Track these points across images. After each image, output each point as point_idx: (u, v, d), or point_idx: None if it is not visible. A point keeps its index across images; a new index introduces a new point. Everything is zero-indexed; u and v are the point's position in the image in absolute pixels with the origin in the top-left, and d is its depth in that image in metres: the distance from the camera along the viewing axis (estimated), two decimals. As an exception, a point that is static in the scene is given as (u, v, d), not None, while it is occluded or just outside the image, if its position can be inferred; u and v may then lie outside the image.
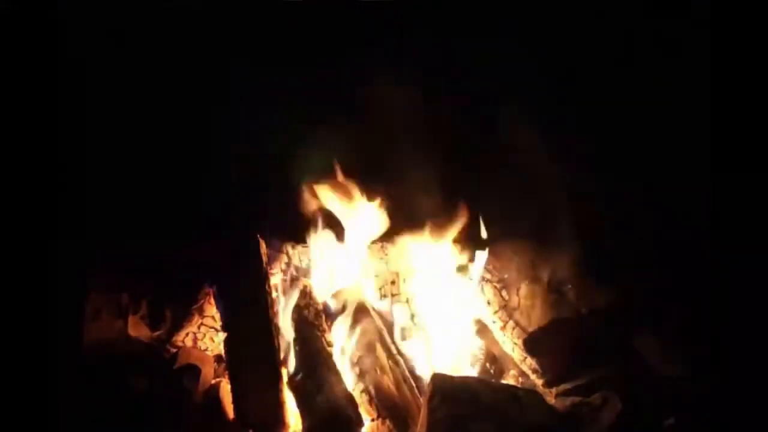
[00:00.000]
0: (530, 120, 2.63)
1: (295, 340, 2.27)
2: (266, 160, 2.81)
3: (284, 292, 2.47)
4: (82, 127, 2.64)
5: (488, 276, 2.58)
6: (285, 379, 2.18)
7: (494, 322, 2.50)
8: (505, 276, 2.57)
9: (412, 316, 2.59)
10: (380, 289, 2.64)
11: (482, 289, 2.56)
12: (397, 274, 2.68)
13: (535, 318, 2.43)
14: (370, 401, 2.14)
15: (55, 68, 2.59)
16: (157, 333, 2.48)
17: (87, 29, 2.65)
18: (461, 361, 2.48)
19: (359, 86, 2.78)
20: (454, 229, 2.54)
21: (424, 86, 2.76)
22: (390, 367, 2.21)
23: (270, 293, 2.35)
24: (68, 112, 2.60)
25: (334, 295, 2.48)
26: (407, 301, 2.62)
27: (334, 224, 2.64)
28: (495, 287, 2.55)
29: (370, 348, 2.26)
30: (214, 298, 2.39)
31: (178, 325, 2.45)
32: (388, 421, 2.08)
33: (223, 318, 2.29)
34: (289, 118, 2.79)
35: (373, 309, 2.45)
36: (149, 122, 2.80)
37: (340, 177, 2.61)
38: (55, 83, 2.58)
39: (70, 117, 2.61)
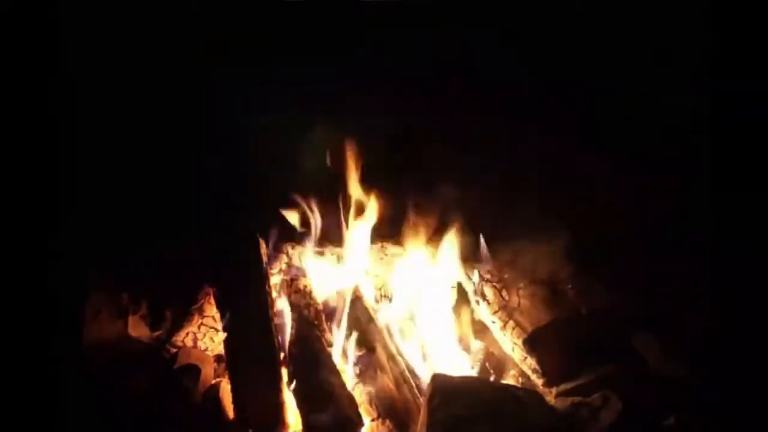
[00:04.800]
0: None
1: (295, 340, 2.27)
2: (267, 160, 2.81)
3: (284, 292, 2.47)
4: (81, 127, 2.65)
5: (488, 276, 2.58)
6: (285, 379, 2.17)
7: (494, 322, 2.50)
8: (505, 276, 2.56)
9: (411, 316, 2.60)
10: (380, 289, 2.64)
11: (482, 289, 2.56)
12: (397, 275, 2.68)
13: (535, 318, 2.43)
14: (370, 401, 2.14)
15: (54, 67, 2.59)
16: (157, 333, 2.48)
17: (85, 28, 2.65)
18: (461, 361, 2.48)
19: (359, 85, 2.79)
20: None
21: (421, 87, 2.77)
22: (390, 367, 2.21)
23: (270, 293, 2.35)
24: (67, 112, 2.60)
25: (334, 295, 2.49)
26: (407, 301, 2.62)
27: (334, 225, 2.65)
28: (495, 287, 2.54)
29: (369, 348, 2.26)
30: (214, 298, 2.39)
31: (178, 325, 2.45)
32: (388, 421, 2.08)
33: (223, 318, 2.29)
34: (290, 117, 2.79)
35: (373, 309, 2.45)
36: (149, 122, 2.80)
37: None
38: (54, 83, 2.58)
39: (69, 117, 2.61)
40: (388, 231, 2.65)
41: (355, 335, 2.31)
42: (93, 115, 2.68)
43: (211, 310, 2.43)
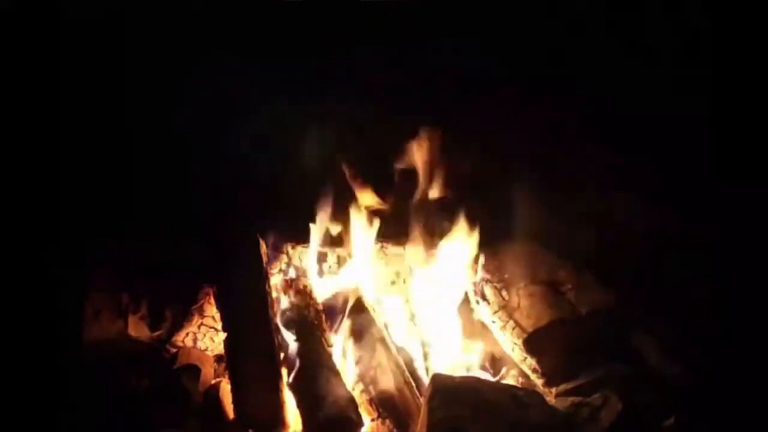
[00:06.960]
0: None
1: (295, 340, 2.27)
2: (267, 160, 2.81)
3: (284, 292, 2.47)
4: (82, 125, 2.65)
5: (488, 276, 2.58)
6: (285, 379, 2.17)
7: (494, 322, 2.50)
8: (505, 276, 2.56)
9: (412, 316, 2.60)
10: (380, 289, 2.64)
11: (482, 289, 2.56)
12: (397, 274, 2.68)
13: (535, 318, 2.43)
14: (370, 401, 2.14)
15: (54, 66, 2.60)
16: (157, 333, 2.47)
17: (85, 27, 2.65)
18: (461, 361, 2.48)
19: (360, 83, 2.79)
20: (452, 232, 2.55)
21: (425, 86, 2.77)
22: (390, 367, 2.21)
23: (270, 293, 2.35)
24: (67, 111, 2.60)
25: (334, 295, 2.49)
26: (407, 301, 2.63)
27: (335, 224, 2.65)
28: (495, 287, 2.54)
29: (370, 348, 2.26)
30: (214, 298, 2.39)
31: (178, 325, 2.45)
32: (388, 421, 2.08)
33: (223, 318, 2.29)
34: (290, 117, 2.79)
35: (373, 309, 2.45)
36: (149, 121, 2.80)
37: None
38: (54, 81, 2.59)
39: (69, 116, 2.61)
40: (389, 231, 2.65)
41: (355, 335, 2.31)
42: (93, 113, 2.68)
43: (211, 310, 2.43)
